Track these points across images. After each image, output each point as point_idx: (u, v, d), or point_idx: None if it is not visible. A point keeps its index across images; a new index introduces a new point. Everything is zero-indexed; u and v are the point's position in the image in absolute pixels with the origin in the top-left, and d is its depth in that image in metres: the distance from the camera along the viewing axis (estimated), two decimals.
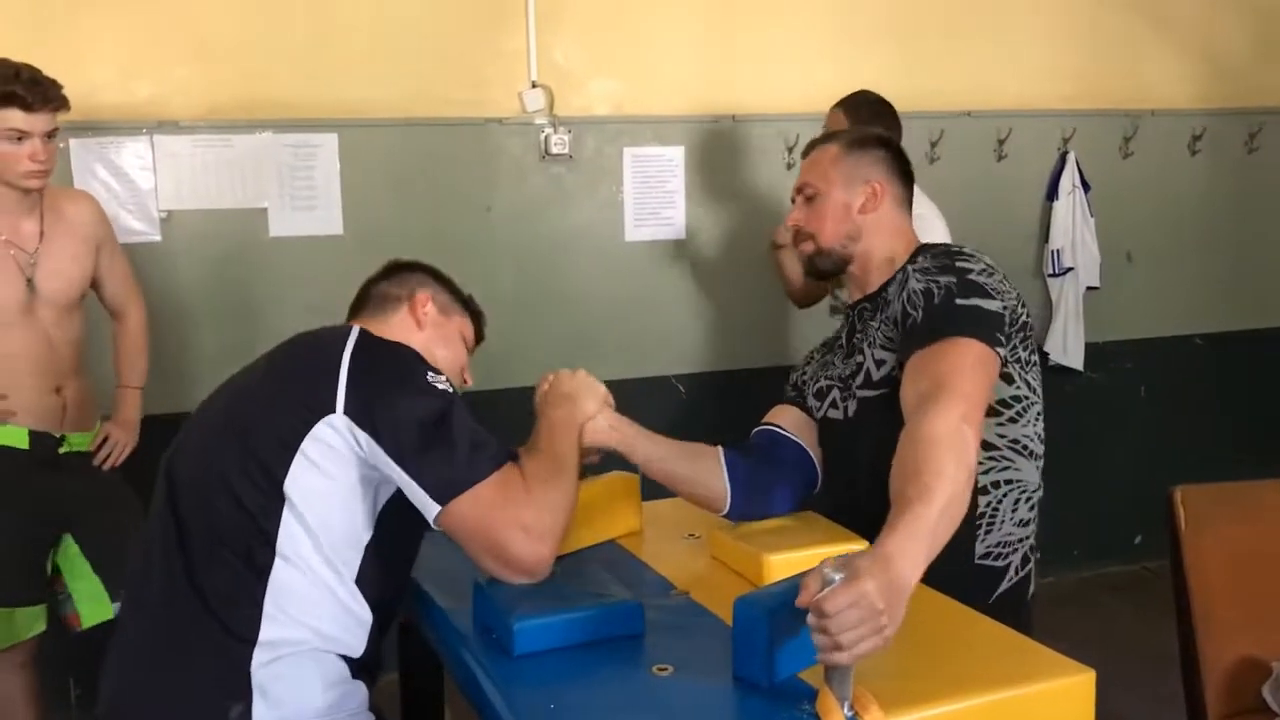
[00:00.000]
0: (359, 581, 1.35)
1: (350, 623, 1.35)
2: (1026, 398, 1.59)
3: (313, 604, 1.32)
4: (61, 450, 2.37)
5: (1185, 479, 1.96)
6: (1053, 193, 3.71)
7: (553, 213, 3.25)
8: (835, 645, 1.05)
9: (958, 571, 1.51)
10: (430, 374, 1.37)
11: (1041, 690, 1.20)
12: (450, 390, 1.37)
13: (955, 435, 1.29)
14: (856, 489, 1.64)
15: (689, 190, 3.36)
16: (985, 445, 1.55)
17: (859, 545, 1.47)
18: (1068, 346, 3.74)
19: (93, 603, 2.42)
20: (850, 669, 1.09)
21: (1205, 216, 3.93)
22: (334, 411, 1.30)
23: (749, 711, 1.13)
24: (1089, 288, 3.75)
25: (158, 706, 1.33)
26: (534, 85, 3.16)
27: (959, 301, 1.49)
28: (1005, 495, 1.59)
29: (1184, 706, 1.95)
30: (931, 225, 2.58)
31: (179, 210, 2.94)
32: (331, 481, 1.31)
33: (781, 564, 1.44)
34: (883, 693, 1.11)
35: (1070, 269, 3.71)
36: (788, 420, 1.74)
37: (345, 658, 1.36)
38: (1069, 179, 3.69)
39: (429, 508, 1.31)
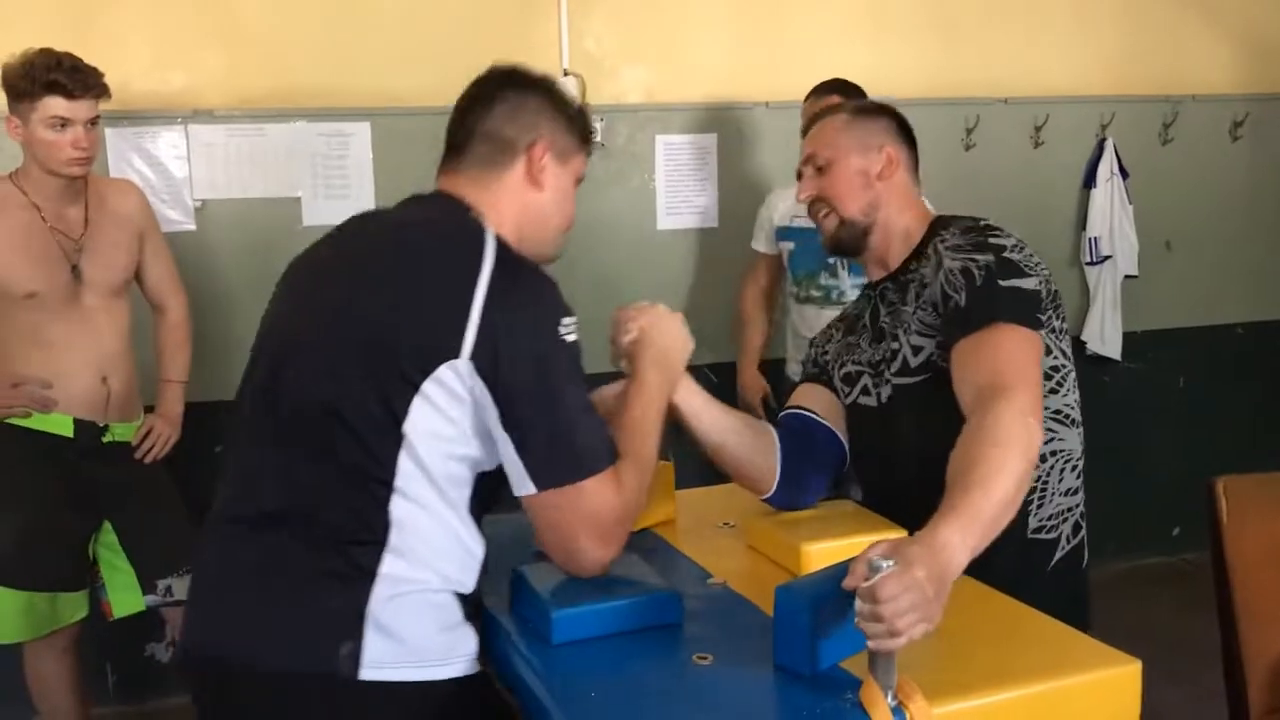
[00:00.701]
0: (471, 512, 1.29)
1: (466, 558, 1.29)
2: (1063, 367, 1.57)
3: (433, 540, 1.26)
4: (105, 439, 2.40)
5: (1225, 470, 1.93)
6: (1090, 180, 3.67)
7: (584, 200, 3.20)
8: (890, 631, 1.05)
9: (1012, 548, 1.49)
10: (564, 321, 1.27)
11: (1087, 681, 1.19)
12: (577, 345, 1.28)
13: (1022, 430, 1.29)
14: (892, 475, 1.62)
15: (721, 178, 3.35)
16: None
17: (898, 533, 1.46)
18: (1105, 336, 3.70)
19: (125, 593, 2.46)
20: (894, 658, 1.08)
21: (1247, 203, 3.87)
22: (459, 356, 1.22)
23: (793, 701, 1.12)
24: (1127, 276, 3.70)
25: (263, 641, 1.25)
26: (566, 73, 3.16)
27: (1001, 283, 1.46)
28: (1053, 467, 1.58)
29: (1225, 702, 1.93)
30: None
31: (213, 199, 2.96)
32: (451, 425, 1.24)
33: (820, 553, 1.43)
34: (927, 683, 1.10)
35: (1108, 257, 3.67)
36: (817, 403, 1.70)
37: (459, 596, 1.29)
38: (1107, 166, 3.65)
39: (522, 484, 1.25)
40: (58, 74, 2.21)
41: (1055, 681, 1.17)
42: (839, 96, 2.70)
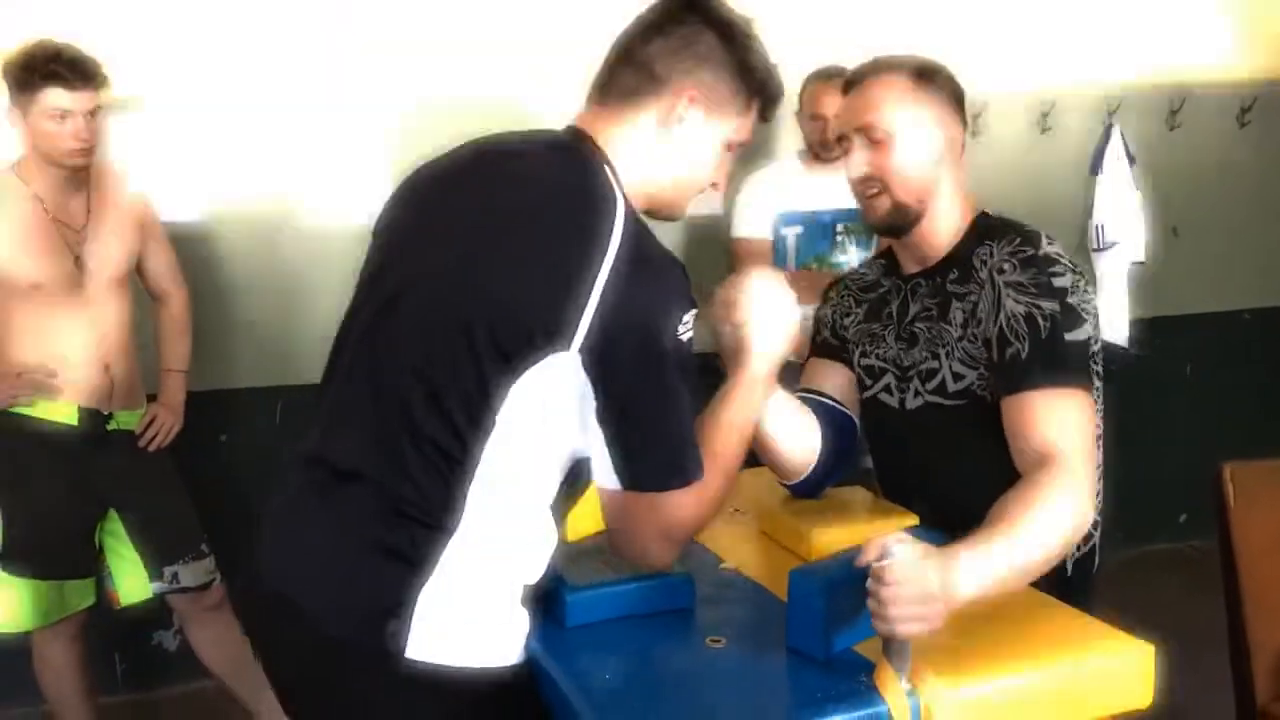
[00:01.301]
0: (552, 504, 1.23)
1: (535, 552, 1.23)
2: (1097, 389, 1.49)
3: (506, 534, 1.19)
4: (110, 428, 2.41)
5: (1232, 457, 1.93)
6: (1097, 166, 3.64)
7: None
8: (882, 616, 1.05)
9: None
10: (684, 319, 1.17)
11: (1101, 665, 1.19)
12: (691, 344, 1.18)
13: (1080, 520, 1.27)
14: (904, 478, 1.61)
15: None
16: None
17: (911, 521, 1.46)
18: (1112, 322, 3.68)
19: (132, 580, 2.47)
20: (908, 643, 1.08)
21: (1254, 190, 3.85)
22: (568, 349, 1.13)
23: (807, 683, 1.13)
24: (1134, 263, 3.68)
25: (317, 599, 1.20)
26: None
27: (1066, 336, 1.36)
28: None
29: (1232, 688, 1.93)
30: None
31: (219, 190, 2.95)
32: (549, 417, 1.17)
33: (830, 541, 1.43)
34: (941, 667, 1.10)
35: (1115, 244, 3.65)
36: (835, 386, 1.63)
37: (521, 585, 1.24)
38: (1114, 152, 3.62)
39: (606, 477, 1.18)
40: (57, 65, 2.20)
41: (1070, 666, 1.18)
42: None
